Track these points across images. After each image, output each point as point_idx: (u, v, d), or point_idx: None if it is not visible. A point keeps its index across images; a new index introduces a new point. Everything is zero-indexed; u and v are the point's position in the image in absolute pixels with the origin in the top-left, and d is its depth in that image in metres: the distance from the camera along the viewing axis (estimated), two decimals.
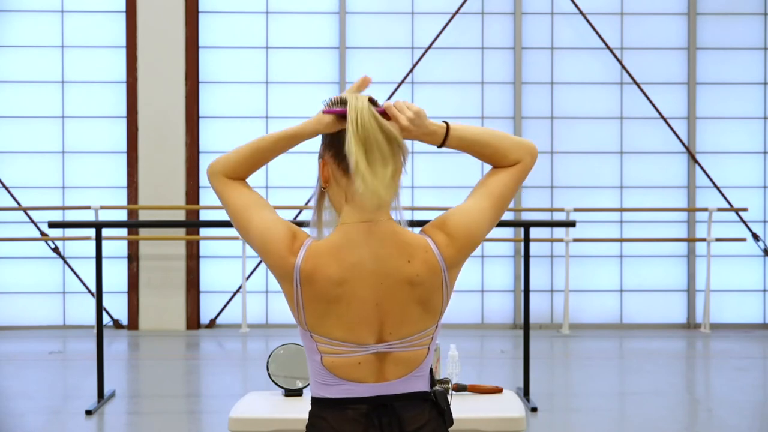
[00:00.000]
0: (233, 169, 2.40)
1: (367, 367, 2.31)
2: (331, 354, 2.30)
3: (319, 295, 2.28)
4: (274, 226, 2.33)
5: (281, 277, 2.31)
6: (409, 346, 2.33)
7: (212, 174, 2.40)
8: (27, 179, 9.31)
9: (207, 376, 7.39)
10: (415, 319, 2.32)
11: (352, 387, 2.31)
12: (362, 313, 2.29)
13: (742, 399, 6.36)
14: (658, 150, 9.48)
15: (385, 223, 2.32)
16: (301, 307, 2.30)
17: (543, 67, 9.47)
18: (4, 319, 9.26)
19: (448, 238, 2.35)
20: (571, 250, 9.25)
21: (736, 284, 9.46)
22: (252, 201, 2.38)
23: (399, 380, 2.33)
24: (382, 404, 2.32)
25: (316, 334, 2.30)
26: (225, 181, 2.39)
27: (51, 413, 5.99)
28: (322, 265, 2.28)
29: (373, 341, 2.31)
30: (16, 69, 9.35)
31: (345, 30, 9.39)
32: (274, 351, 3.75)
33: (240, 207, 2.37)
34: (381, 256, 2.29)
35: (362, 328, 2.29)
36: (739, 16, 9.51)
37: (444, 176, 9.25)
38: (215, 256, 9.37)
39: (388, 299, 2.29)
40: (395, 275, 2.29)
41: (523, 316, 7.09)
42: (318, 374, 2.33)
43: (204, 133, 9.33)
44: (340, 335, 2.29)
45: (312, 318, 2.30)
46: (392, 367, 2.33)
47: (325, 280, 2.27)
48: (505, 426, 3.47)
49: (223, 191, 2.39)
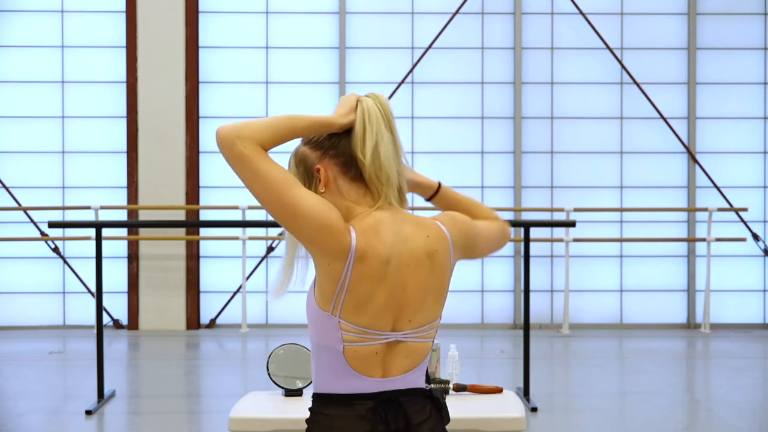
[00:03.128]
0: (268, 138, 2.23)
1: (378, 359, 2.33)
2: (354, 343, 2.30)
3: (369, 274, 2.27)
4: (325, 204, 2.24)
5: (334, 256, 2.24)
6: (420, 337, 2.36)
7: (242, 138, 2.17)
8: (27, 179, 9.31)
9: (207, 376, 7.39)
10: (430, 305, 2.36)
11: (360, 382, 2.32)
12: (392, 299, 2.31)
13: (742, 399, 6.36)
14: (658, 150, 9.48)
15: (398, 209, 2.37)
16: (345, 289, 2.27)
17: (543, 67, 9.47)
18: (4, 319, 9.27)
19: (451, 220, 2.43)
20: (571, 250, 9.25)
21: (736, 284, 9.46)
22: (292, 177, 2.23)
23: (402, 376, 2.36)
24: (388, 399, 2.33)
25: (345, 321, 2.29)
26: (259, 150, 2.18)
27: (51, 413, 5.99)
28: (372, 244, 2.27)
29: (390, 328, 2.33)
30: (16, 69, 9.35)
31: (345, 30, 9.39)
32: (274, 351, 3.75)
33: (284, 182, 2.20)
34: (407, 236, 2.33)
35: (385, 314, 2.31)
36: (739, 16, 9.51)
37: (444, 176, 9.24)
38: (215, 256, 9.37)
39: (413, 282, 2.32)
40: (419, 252, 2.33)
41: (523, 316, 7.09)
42: (333, 367, 2.32)
43: (204, 133, 9.33)
44: (367, 321, 2.29)
45: (351, 300, 2.27)
46: (400, 360, 2.35)
47: (375, 258, 2.27)
48: (505, 426, 3.47)
49: (258, 161, 2.18)
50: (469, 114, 9.43)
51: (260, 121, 2.24)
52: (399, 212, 2.36)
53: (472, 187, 9.33)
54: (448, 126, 9.40)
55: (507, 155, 9.44)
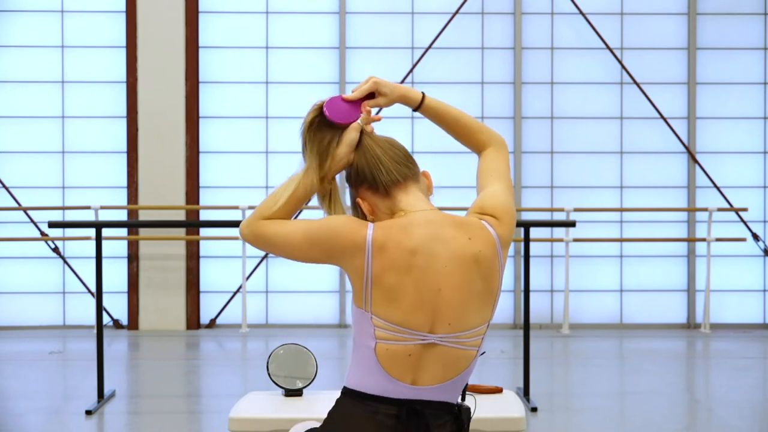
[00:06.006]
0: (279, 215, 2.47)
1: (411, 362, 2.31)
2: (386, 340, 2.30)
3: (393, 264, 2.30)
4: (335, 217, 2.42)
5: (353, 252, 2.32)
6: (460, 343, 2.34)
7: (251, 226, 2.45)
8: (27, 179, 9.31)
9: (207, 376, 7.39)
10: (473, 309, 2.35)
11: (388, 384, 2.31)
12: (424, 296, 2.31)
13: (742, 399, 6.36)
14: (658, 150, 9.48)
15: (434, 210, 2.43)
16: (369, 282, 2.30)
17: (543, 67, 9.47)
18: (4, 319, 9.27)
19: (493, 218, 2.42)
20: (571, 250, 9.25)
21: (736, 284, 9.47)
22: (301, 222, 2.44)
23: (434, 387, 2.33)
24: (413, 409, 2.31)
25: (377, 317, 2.30)
26: (269, 223, 2.43)
27: (51, 413, 5.99)
28: (393, 235, 2.33)
29: (427, 329, 2.32)
30: (16, 69, 9.35)
31: (345, 30, 9.39)
32: (274, 351, 3.75)
33: (295, 226, 2.41)
34: (444, 237, 2.35)
35: (420, 313, 2.31)
36: (739, 16, 9.51)
37: (444, 176, 9.25)
38: (215, 256, 9.37)
39: (451, 284, 2.32)
40: (460, 254, 2.34)
41: (523, 316, 7.09)
42: (364, 364, 2.33)
43: (204, 133, 9.33)
44: (399, 318, 2.30)
45: (378, 294, 2.30)
46: (435, 369, 2.32)
47: (397, 248, 2.31)
48: (505, 426, 3.47)
49: (272, 234, 2.42)
50: (470, 114, 9.41)
51: (266, 202, 2.45)
52: (439, 213, 2.41)
53: (473, 187, 9.31)
54: None
55: None
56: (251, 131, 9.41)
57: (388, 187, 2.44)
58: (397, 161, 2.49)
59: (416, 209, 2.41)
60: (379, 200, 2.44)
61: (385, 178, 2.44)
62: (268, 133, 9.41)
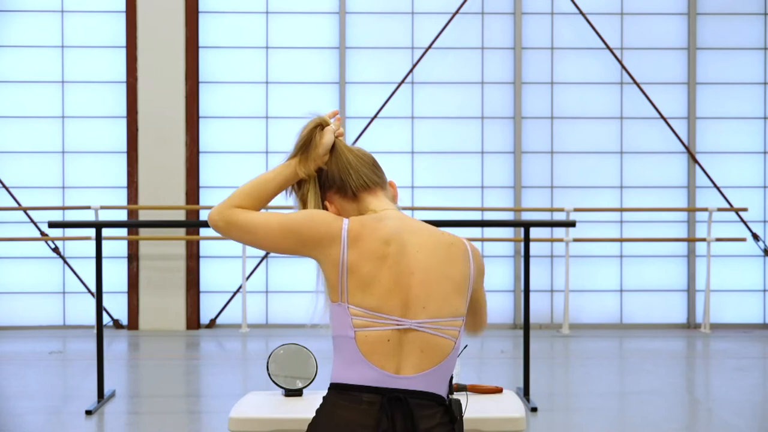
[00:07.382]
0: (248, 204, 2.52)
1: (391, 348, 2.35)
2: (364, 328, 2.36)
3: (368, 252, 2.39)
4: (310, 210, 2.50)
5: (329, 242, 2.40)
6: (438, 330, 2.40)
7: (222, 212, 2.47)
8: (27, 179, 9.31)
9: (207, 376, 7.39)
10: (448, 294, 2.42)
11: (371, 371, 2.34)
12: (398, 280, 2.38)
13: (741, 399, 6.36)
14: (658, 150, 9.48)
15: (406, 216, 2.55)
16: (345, 272, 2.38)
17: (543, 67, 9.47)
18: (4, 319, 9.27)
19: (474, 252, 2.57)
20: (571, 250, 9.25)
21: (736, 284, 9.46)
22: (276, 214, 2.49)
23: (417, 375, 2.37)
24: (397, 398, 2.34)
25: (353, 306, 2.37)
26: (239, 211, 2.47)
27: (51, 413, 5.99)
28: (368, 226, 2.43)
29: (401, 313, 2.38)
30: (16, 69, 9.35)
31: (345, 30, 9.39)
32: (274, 351, 3.75)
33: (269, 215, 2.46)
34: (416, 229, 2.47)
35: (394, 296, 2.38)
36: (739, 16, 9.51)
37: (444, 176, 9.25)
38: (215, 256, 9.37)
39: (423, 266, 2.41)
40: (433, 240, 2.46)
41: (523, 316, 7.09)
42: (346, 355, 2.37)
43: (204, 133, 9.33)
44: (374, 304, 2.37)
45: (354, 282, 2.37)
46: (416, 355, 2.37)
47: (371, 237, 2.40)
48: (505, 426, 3.47)
49: (241, 221, 2.45)
50: (469, 114, 9.43)
51: (238, 191, 2.51)
52: (402, 213, 2.53)
53: (472, 187, 9.33)
54: (448, 126, 9.40)
55: (507, 155, 9.44)
56: (251, 131, 9.41)
57: (357, 192, 2.53)
58: (366, 168, 2.57)
59: (386, 209, 2.51)
60: (347, 203, 2.53)
61: (354, 183, 2.53)
62: (268, 133, 9.41)
